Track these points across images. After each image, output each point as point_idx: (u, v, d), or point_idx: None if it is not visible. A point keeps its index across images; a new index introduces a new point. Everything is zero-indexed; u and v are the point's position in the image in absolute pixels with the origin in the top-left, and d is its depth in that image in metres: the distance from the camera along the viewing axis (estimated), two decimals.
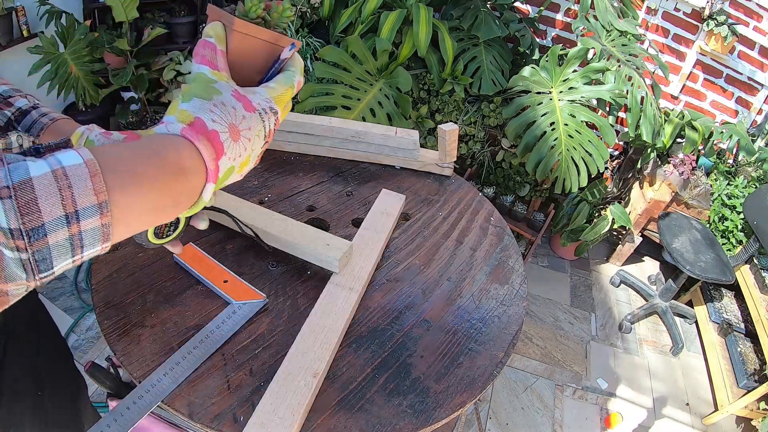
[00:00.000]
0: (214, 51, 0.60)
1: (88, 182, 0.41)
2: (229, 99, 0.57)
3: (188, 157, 0.52)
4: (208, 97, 0.56)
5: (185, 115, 0.54)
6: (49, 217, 0.39)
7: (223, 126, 0.55)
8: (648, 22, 3.02)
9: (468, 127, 2.83)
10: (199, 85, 0.57)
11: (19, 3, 2.62)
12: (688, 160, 2.85)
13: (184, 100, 0.56)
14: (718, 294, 2.99)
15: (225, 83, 0.58)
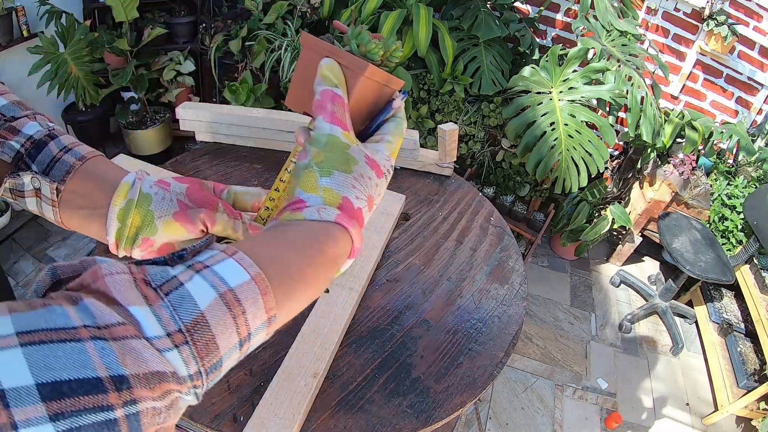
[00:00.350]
0: (343, 107, 0.53)
1: (260, 301, 0.38)
2: (365, 169, 0.51)
3: (343, 246, 0.49)
4: (348, 170, 0.50)
5: (331, 196, 0.49)
6: (226, 349, 0.36)
7: (364, 201, 0.51)
8: (648, 22, 3.01)
9: (468, 127, 2.83)
10: (336, 155, 0.50)
11: (19, 3, 2.62)
12: (688, 160, 2.85)
13: (323, 174, 0.49)
14: (718, 294, 2.99)
15: (357, 148, 0.52)
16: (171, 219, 0.55)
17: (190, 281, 0.35)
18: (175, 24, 3.18)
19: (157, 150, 3.34)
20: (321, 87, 0.53)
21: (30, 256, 2.70)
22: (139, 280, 0.33)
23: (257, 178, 1.33)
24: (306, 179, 0.49)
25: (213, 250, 0.39)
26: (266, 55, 2.79)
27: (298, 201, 0.48)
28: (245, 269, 0.38)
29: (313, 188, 0.49)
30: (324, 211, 0.47)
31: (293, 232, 0.46)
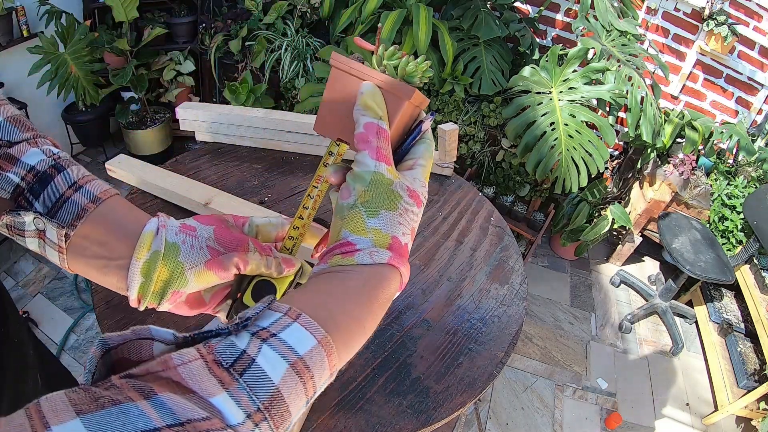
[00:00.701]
0: (387, 141, 0.50)
1: (326, 362, 0.38)
2: (408, 203, 0.50)
3: (395, 285, 0.48)
4: (395, 208, 0.48)
5: (381, 237, 0.47)
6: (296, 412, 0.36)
7: (409, 234, 0.50)
8: (648, 22, 3.01)
9: (468, 127, 2.83)
10: (382, 194, 0.48)
11: (19, 3, 2.62)
12: (688, 160, 2.85)
13: (371, 215, 0.47)
14: (718, 294, 2.99)
15: (400, 183, 0.49)
16: (203, 268, 0.51)
17: (260, 354, 0.34)
18: (175, 24, 3.18)
19: (157, 150, 3.35)
20: (365, 119, 0.50)
21: (30, 256, 2.70)
22: (210, 363, 0.32)
23: (257, 177, 1.33)
24: (353, 221, 0.48)
25: (275, 312, 0.38)
26: (266, 55, 2.79)
27: (346, 244, 0.47)
28: (311, 333, 0.38)
29: (361, 230, 0.47)
30: (376, 254, 0.46)
31: (350, 281, 0.45)
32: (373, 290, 0.45)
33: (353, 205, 0.48)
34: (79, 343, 2.34)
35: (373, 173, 0.48)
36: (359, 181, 0.48)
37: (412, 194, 0.50)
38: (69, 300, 2.51)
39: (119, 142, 3.52)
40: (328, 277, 0.45)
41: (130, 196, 1.19)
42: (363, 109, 0.50)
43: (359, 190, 0.48)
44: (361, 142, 0.49)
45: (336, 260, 0.46)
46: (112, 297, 0.92)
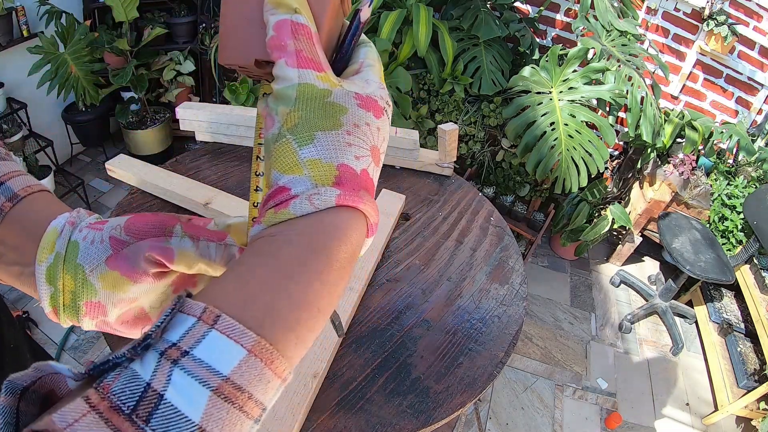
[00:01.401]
0: (311, 38, 0.37)
1: (267, 373, 0.29)
2: (359, 114, 0.37)
3: (357, 231, 0.36)
4: (337, 125, 0.36)
5: (321, 169, 0.35)
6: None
7: (368, 156, 0.37)
8: (648, 22, 3.01)
9: (468, 127, 2.83)
10: (314, 110, 0.36)
11: (19, 3, 2.62)
12: (688, 160, 2.85)
13: (303, 142, 0.35)
14: (718, 294, 2.99)
15: (341, 90, 0.37)
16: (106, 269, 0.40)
17: (170, 386, 0.25)
18: (175, 24, 3.18)
19: (157, 150, 3.35)
20: (274, 17, 0.36)
21: None
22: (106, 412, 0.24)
23: None
24: (281, 155, 0.35)
25: (188, 316, 0.28)
26: None
27: (278, 190, 0.35)
28: (237, 342, 0.28)
29: (293, 166, 0.35)
30: (317, 196, 0.34)
31: (287, 247, 0.33)
32: (322, 252, 0.33)
33: (278, 134, 0.36)
34: (79, 343, 2.34)
35: (297, 86, 0.35)
36: (281, 101, 0.36)
37: (365, 101, 0.38)
38: None
39: (119, 142, 3.52)
40: (260, 247, 0.34)
41: (130, 196, 1.19)
42: (270, 6, 0.37)
43: (283, 113, 0.36)
44: (274, 49, 0.36)
45: (269, 218, 0.35)
46: None
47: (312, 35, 0.37)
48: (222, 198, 1.13)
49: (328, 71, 0.37)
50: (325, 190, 0.34)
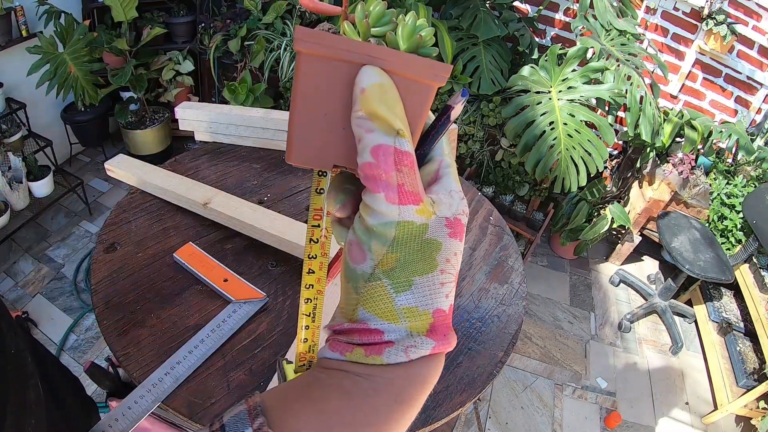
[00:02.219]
0: (413, 168, 0.32)
1: None
2: (450, 246, 0.34)
3: (438, 375, 0.36)
4: (433, 267, 0.33)
5: (418, 319, 0.33)
6: None
7: (453, 285, 0.35)
8: (647, 21, 3.01)
9: (467, 126, 2.83)
10: (413, 252, 0.33)
11: (18, 3, 2.62)
12: (687, 159, 2.85)
13: (400, 289, 0.33)
14: (717, 293, 2.99)
15: (435, 220, 0.33)
16: None
17: None
18: (174, 24, 3.18)
19: (156, 150, 3.35)
20: (371, 137, 0.31)
21: (29, 256, 2.70)
22: None
23: (256, 177, 1.33)
24: (374, 298, 0.33)
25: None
26: (265, 55, 2.79)
27: (370, 331, 0.33)
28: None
29: (389, 314, 0.33)
30: (413, 349, 0.33)
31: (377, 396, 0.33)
32: (409, 401, 0.34)
33: (371, 274, 0.33)
34: (78, 343, 2.34)
35: (396, 225, 0.32)
36: (377, 238, 0.32)
37: (454, 227, 0.34)
38: (68, 300, 2.51)
39: (118, 142, 3.52)
40: (346, 387, 0.33)
41: (130, 196, 1.19)
42: (368, 118, 0.31)
43: (378, 252, 0.33)
44: (370, 179, 0.32)
45: (357, 355, 0.33)
46: (111, 297, 0.92)
47: (414, 164, 0.32)
48: (221, 198, 1.13)
49: (425, 199, 0.33)
50: (421, 341, 0.33)
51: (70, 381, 0.98)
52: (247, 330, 0.91)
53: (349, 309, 0.34)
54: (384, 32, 0.35)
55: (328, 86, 0.33)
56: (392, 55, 0.32)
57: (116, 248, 1.02)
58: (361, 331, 0.33)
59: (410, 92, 0.33)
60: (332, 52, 0.32)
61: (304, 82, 0.33)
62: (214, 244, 1.08)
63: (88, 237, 2.88)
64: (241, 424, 0.30)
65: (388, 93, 0.32)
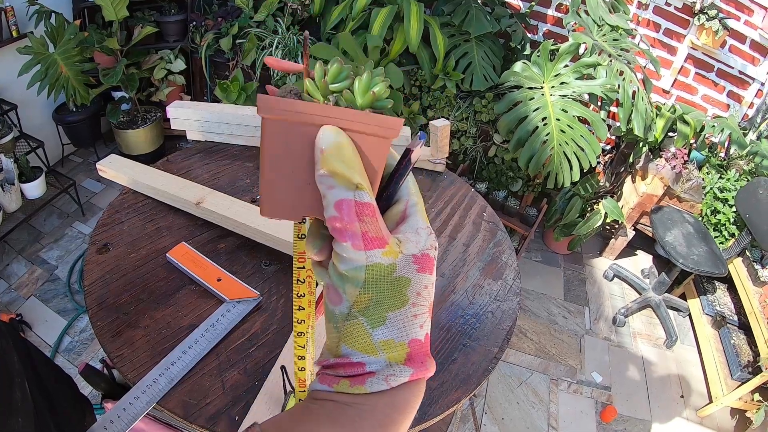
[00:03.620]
0: (374, 216, 0.36)
1: None
2: (419, 280, 0.37)
3: (420, 398, 0.40)
4: (404, 302, 0.37)
5: (395, 350, 0.37)
6: None
7: (427, 316, 0.39)
8: (639, 16, 3.02)
9: (460, 122, 2.83)
10: (383, 291, 0.36)
11: (8, 3, 2.60)
12: (679, 153, 2.86)
13: (375, 325, 0.36)
14: (711, 287, 3.00)
15: (403, 259, 0.36)
16: None
17: None
18: (166, 22, 3.17)
19: (148, 149, 3.33)
20: (333, 194, 0.35)
21: (22, 258, 2.69)
22: None
23: (249, 176, 1.32)
24: (353, 335, 0.37)
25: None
26: (257, 53, 2.79)
27: (352, 364, 0.37)
28: None
29: (368, 348, 0.37)
30: (393, 378, 0.36)
31: (363, 421, 0.36)
32: (392, 425, 0.37)
33: (348, 314, 0.37)
34: (73, 345, 2.33)
35: (365, 268, 0.35)
36: (349, 281, 0.36)
37: (422, 263, 0.37)
38: (62, 302, 2.50)
39: (110, 142, 3.50)
40: (334, 415, 0.37)
41: (122, 196, 1.19)
42: (329, 176, 0.35)
43: (352, 294, 0.36)
44: (336, 231, 0.35)
45: (343, 386, 0.37)
46: (104, 298, 0.91)
47: (375, 211, 0.36)
48: (214, 197, 1.13)
49: (390, 241, 0.36)
50: (400, 370, 0.36)
51: (64, 380, 0.98)
52: (241, 329, 0.91)
53: (333, 345, 0.38)
54: (341, 88, 0.38)
55: (293, 146, 0.36)
56: (347, 115, 0.36)
57: (109, 249, 1.02)
58: (344, 365, 0.37)
59: (367, 145, 0.37)
60: (294, 116, 0.35)
61: (270, 144, 0.36)
62: (207, 243, 1.07)
63: (81, 238, 2.87)
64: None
65: (345, 150, 0.35)
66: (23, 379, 0.75)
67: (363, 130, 0.36)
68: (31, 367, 0.90)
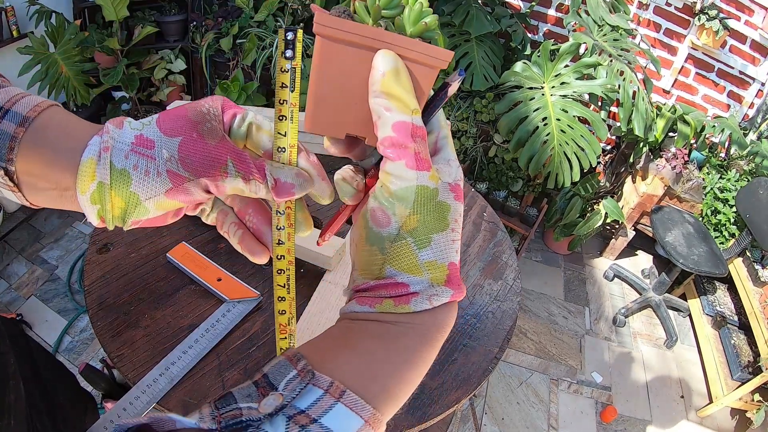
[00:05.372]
0: (425, 141, 0.38)
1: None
2: (456, 207, 0.40)
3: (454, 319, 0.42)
4: (446, 226, 0.39)
5: (438, 271, 0.39)
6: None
7: (459, 242, 0.41)
8: (639, 16, 3.02)
9: (460, 122, 2.83)
10: (430, 213, 0.38)
11: (9, 3, 2.60)
12: (680, 154, 2.86)
13: (422, 245, 0.38)
14: (711, 287, 3.00)
15: (443, 185, 0.39)
16: (164, 198, 0.41)
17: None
18: (166, 22, 3.17)
19: None
20: (392, 116, 0.37)
21: (23, 258, 2.69)
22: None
23: None
24: (401, 256, 0.38)
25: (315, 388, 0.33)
26: (257, 53, 2.79)
27: (396, 285, 0.39)
28: (358, 414, 0.33)
29: (414, 268, 0.38)
30: (435, 297, 0.38)
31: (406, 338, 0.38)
32: (432, 342, 0.39)
33: (397, 235, 0.38)
34: (73, 345, 2.33)
35: (416, 188, 0.37)
36: (400, 202, 0.38)
37: (457, 191, 0.40)
38: (62, 302, 2.50)
39: None
40: (379, 332, 0.38)
41: None
42: (387, 99, 0.37)
43: (402, 214, 0.38)
44: (392, 147, 0.37)
45: (387, 306, 0.38)
46: (105, 298, 0.91)
47: (425, 136, 0.38)
48: None
49: (434, 167, 0.39)
50: (441, 291, 0.39)
51: (65, 378, 0.98)
52: (242, 329, 0.91)
53: (374, 269, 0.39)
54: (393, 15, 0.39)
55: (345, 66, 0.38)
56: (402, 42, 0.37)
57: (109, 249, 1.02)
58: (388, 286, 0.39)
59: (416, 73, 0.39)
60: (349, 36, 0.36)
61: (322, 61, 0.38)
62: (207, 243, 1.07)
63: (81, 238, 2.86)
64: (284, 369, 0.34)
65: (402, 76, 0.38)
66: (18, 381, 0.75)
67: (414, 57, 0.38)
68: (31, 366, 0.89)
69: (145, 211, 0.41)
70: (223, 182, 0.40)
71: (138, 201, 0.40)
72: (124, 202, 0.40)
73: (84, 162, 0.38)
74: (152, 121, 0.41)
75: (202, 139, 0.40)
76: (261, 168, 0.41)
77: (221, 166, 0.40)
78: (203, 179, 0.40)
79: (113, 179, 0.39)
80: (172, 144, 0.40)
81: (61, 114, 0.42)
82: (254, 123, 0.44)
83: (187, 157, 0.40)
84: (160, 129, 0.41)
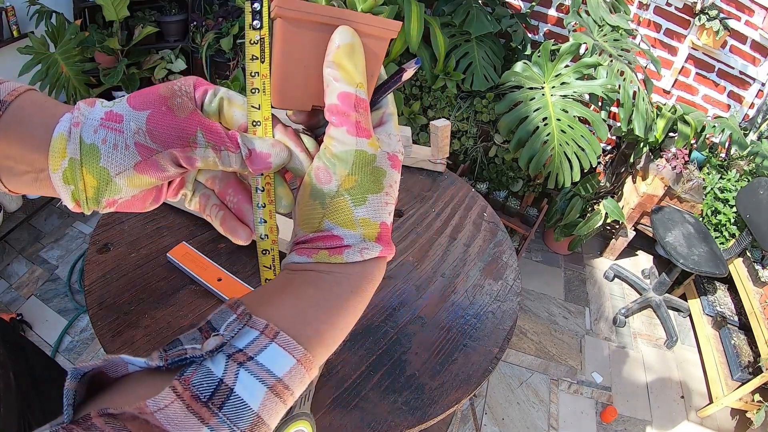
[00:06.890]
0: (367, 111, 0.42)
1: (306, 378, 0.37)
2: (392, 175, 0.44)
3: (381, 275, 0.45)
4: (381, 189, 0.43)
5: (370, 227, 0.42)
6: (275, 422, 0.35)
7: (393, 207, 0.45)
8: (640, 17, 3.02)
9: (460, 123, 2.83)
10: (367, 175, 0.42)
11: (9, 3, 2.60)
12: (680, 154, 2.86)
13: (357, 203, 0.42)
14: (711, 287, 3.00)
15: (381, 152, 0.43)
16: (134, 173, 0.41)
17: (237, 382, 0.33)
18: (166, 22, 3.17)
19: None
20: (338, 86, 0.41)
21: (23, 258, 2.69)
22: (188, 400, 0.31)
23: None
24: (338, 211, 0.42)
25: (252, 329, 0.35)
26: None
27: (332, 237, 0.42)
28: (290, 354, 0.36)
29: (349, 223, 0.42)
30: (366, 251, 0.42)
31: (338, 286, 0.41)
32: (361, 292, 0.42)
33: (336, 192, 0.42)
34: (73, 345, 2.33)
35: (355, 152, 0.41)
36: (340, 163, 0.41)
37: (393, 161, 0.44)
38: (63, 301, 2.50)
39: None
40: (313, 281, 0.41)
41: None
42: (336, 69, 0.41)
43: (341, 174, 0.42)
44: (337, 115, 0.41)
45: (322, 257, 0.42)
46: (105, 298, 0.91)
47: (368, 108, 0.42)
48: None
49: (373, 136, 0.43)
50: (372, 246, 0.42)
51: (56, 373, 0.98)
52: None
53: (314, 222, 0.43)
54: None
55: (304, 43, 0.41)
56: (357, 17, 0.41)
57: (109, 249, 1.02)
58: (324, 238, 0.42)
59: (370, 45, 0.42)
60: (308, 16, 0.40)
61: (283, 40, 0.41)
62: (208, 243, 1.07)
63: (81, 238, 2.86)
64: (225, 315, 0.36)
65: (356, 52, 0.41)
66: (8, 371, 0.75)
67: (368, 31, 0.42)
68: (24, 362, 0.89)
69: (117, 188, 0.42)
70: (192, 153, 0.41)
71: (109, 177, 0.41)
72: (95, 179, 0.41)
73: (55, 138, 0.40)
74: (123, 99, 0.42)
75: (171, 112, 0.41)
76: (233, 138, 0.42)
77: (190, 137, 0.41)
78: (172, 150, 0.41)
79: (83, 154, 0.40)
80: (140, 117, 0.41)
81: (38, 96, 0.44)
82: (225, 97, 0.45)
83: (155, 129, 0.41)
84: (130, 105, 0.42)
